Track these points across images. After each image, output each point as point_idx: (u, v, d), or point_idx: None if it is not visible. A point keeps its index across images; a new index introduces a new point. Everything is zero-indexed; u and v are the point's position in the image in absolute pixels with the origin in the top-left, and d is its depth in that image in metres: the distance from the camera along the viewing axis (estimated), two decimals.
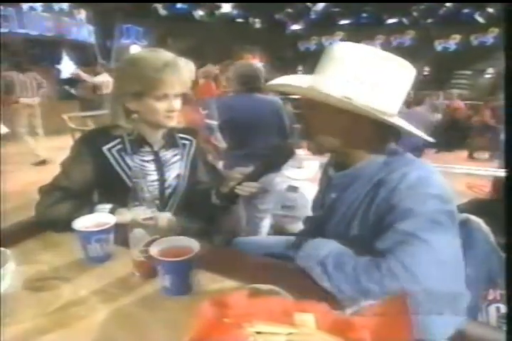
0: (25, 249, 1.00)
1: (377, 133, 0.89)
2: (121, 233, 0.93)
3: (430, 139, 0.89)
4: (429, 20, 12.04)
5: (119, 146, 1.20)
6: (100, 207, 1.10)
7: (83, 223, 0.92)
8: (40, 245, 1.04)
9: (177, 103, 1.17)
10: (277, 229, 2.83)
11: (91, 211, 1.07)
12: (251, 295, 0.64)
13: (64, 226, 1.01)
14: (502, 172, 2.44)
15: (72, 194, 1.15)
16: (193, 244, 0.80)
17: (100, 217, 0.97)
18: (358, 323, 0.56)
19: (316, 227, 1.04)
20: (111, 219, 0.94)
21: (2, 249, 0.78)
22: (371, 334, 0.54)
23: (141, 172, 1.14)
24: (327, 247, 0.85)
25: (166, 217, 1.05)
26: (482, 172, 2.94)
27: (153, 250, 0.78)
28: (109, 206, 1.10)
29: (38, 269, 0.89)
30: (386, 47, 12.74)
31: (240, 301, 0.60)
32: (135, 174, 0.85)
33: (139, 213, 0.82)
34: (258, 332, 0.56)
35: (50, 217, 1.10)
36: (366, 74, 0.83)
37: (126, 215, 0.98)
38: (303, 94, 0.92)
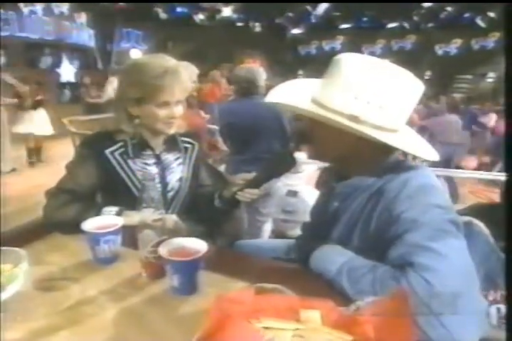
0: (33, 251, 1.02)
1: (379, 145, 0.88)
2: (128, 235, 0.97)
3: (429, 158, 0.89)
4: (430, 25, 12.13)
5: (121, 150, 1.23)
6: (107, 209, 1.13)
7: (91, 224, 0.95)
8: (48, 247, 1.06)
9: (178, 109, 1.20)
10: (278, 235, 2.86)
11: (97, 213, 1.10)
12: (257, 293, 0.68)
13: (71, 228, 1.04)
14: (502, 177, 2.45)
15: (78, 196, 1.18)
16: (201, 245, 0.83)
17: (108, 219, 1.00)
18: (362, 318, 0.59)
19: (318, 234, 1.06)
20: (118, 221, 0.97)
21: (17, 248, 0.81)
22: (375, 328, 0.57)
23: (151, 175, 1.17)
24: (338, 261, 0.86)
25: (172, 219, 1.08)
26: (484, 177, 2.95)
27: (163, 250, 0.81)
28: (115, 209, 1.13)
29: (47, 270, 0.92)
30: (387, 51, 12.84)
31: (247, 298, 0.63)
32: (145, 176, 0.89)
33: (147, 215, 0.85)
34: (266, 328, 0.60)
35: (58, 219, 1.13)
36: (374, 92, 0.83)
37: (133, 217, 1.01)
38: (304, 114, 0.91)
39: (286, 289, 0.73)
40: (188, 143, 1.37)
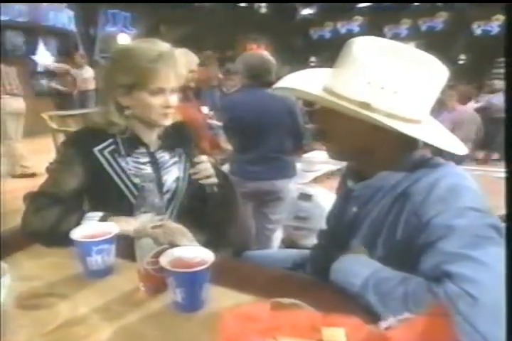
0: (13, 264, 1.00)
1: (400, 139, 0.90)
2: (124, 244, 0.98)
3: (455, 151, 0.89)
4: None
5: (111, 147, 1.26)
6: (90, 215, 1.14)
7: (82, 233, 0.97)
8: (30, 259, 1.08)
9: (173, 98, 1.23)
10: (289, 244, 2.87)
11: (80, 219, 1.11)
12: (273, 309, 0.69)
13: (52, 237, 1.06)
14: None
15: (60, 200, 1.19)
16: (207, 255, 0.85)
17: (101, 226, 1.02)
18: (394, 337, 0.60)
19: (337, 243, 1.07)
20: (112, 229, 0.98)
21: None
22: None
23: (151, 176, 1.19)
24: (362, 273, 0.86)
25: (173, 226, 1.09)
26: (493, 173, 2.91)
27: (164, 261, 0.82)
28: (99, 214, 1.14)
29: (30, 286, 0.94)
30: (414, 32, 12.79)
31: (262, 314, 0.64)
32: (144, 178, 0.90)
33: (146, 221, 0.87)
34: None
35: (36, 225, 1.14)
36: (389, 77, 0.85)
37: (129, 223, 1.03)
38: (314, 101, 0.95)
39: (306, 304, 0.74)
40: (185, 139, 1.39)
